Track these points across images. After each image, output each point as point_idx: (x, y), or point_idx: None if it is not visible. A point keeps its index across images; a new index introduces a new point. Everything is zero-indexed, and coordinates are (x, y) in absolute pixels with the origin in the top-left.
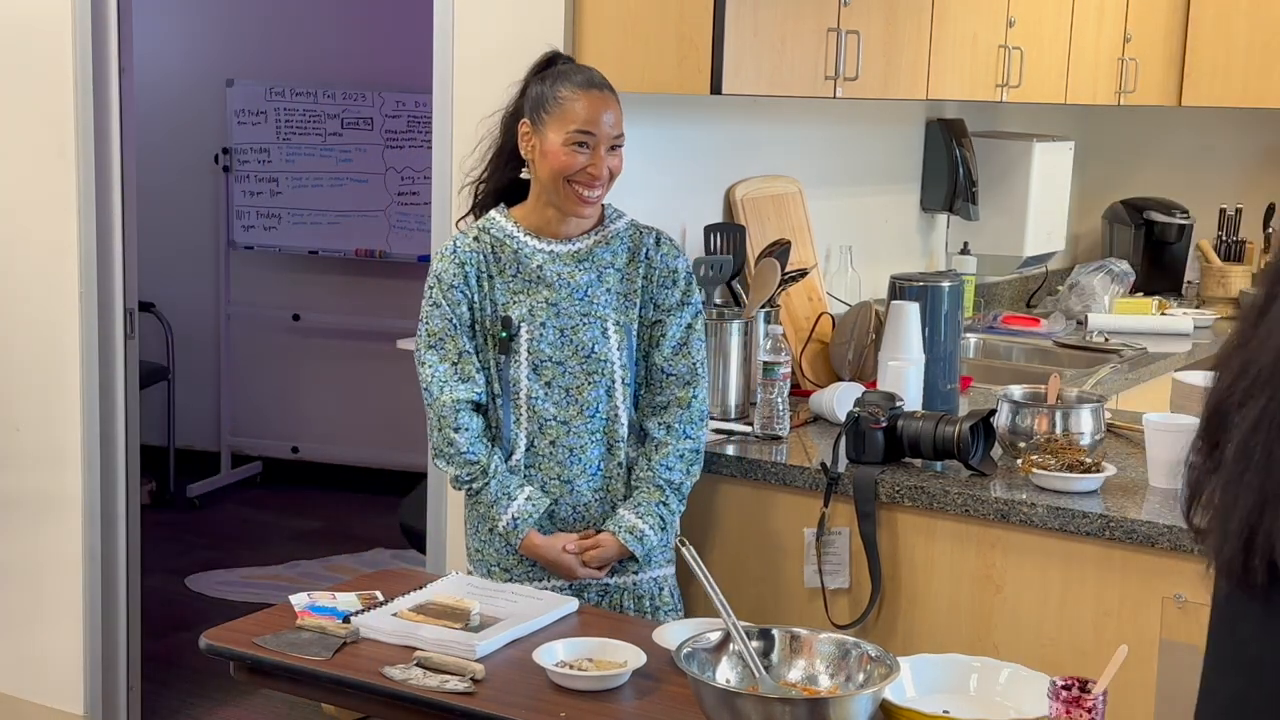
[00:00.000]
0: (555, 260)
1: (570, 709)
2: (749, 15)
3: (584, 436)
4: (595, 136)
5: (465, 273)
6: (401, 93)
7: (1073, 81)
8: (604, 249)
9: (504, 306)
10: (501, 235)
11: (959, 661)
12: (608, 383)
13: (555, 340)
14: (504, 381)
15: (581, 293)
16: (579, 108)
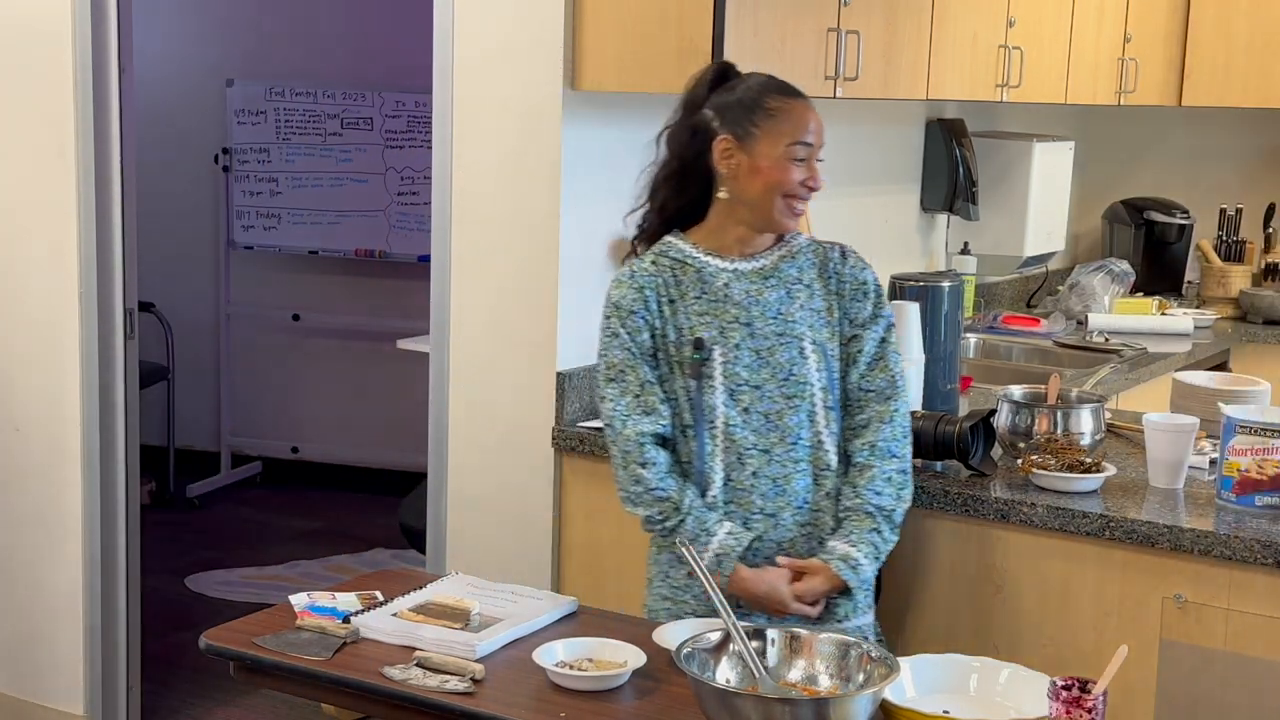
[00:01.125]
0: (741, 278)
1: (570, 709)
2: (749, 15)
3: (788, 465)
4: (813, 146)
5: (645, 298)
6: (401, 93)
7: (1073, 81)
8: (790, 264)
9: (691, 330)
10: (681, 257)
11: (959, 661)
12: (809, 407)
13: (751, 362)
14: (698, 409)
15: (774, 311)
16: (794, 116)
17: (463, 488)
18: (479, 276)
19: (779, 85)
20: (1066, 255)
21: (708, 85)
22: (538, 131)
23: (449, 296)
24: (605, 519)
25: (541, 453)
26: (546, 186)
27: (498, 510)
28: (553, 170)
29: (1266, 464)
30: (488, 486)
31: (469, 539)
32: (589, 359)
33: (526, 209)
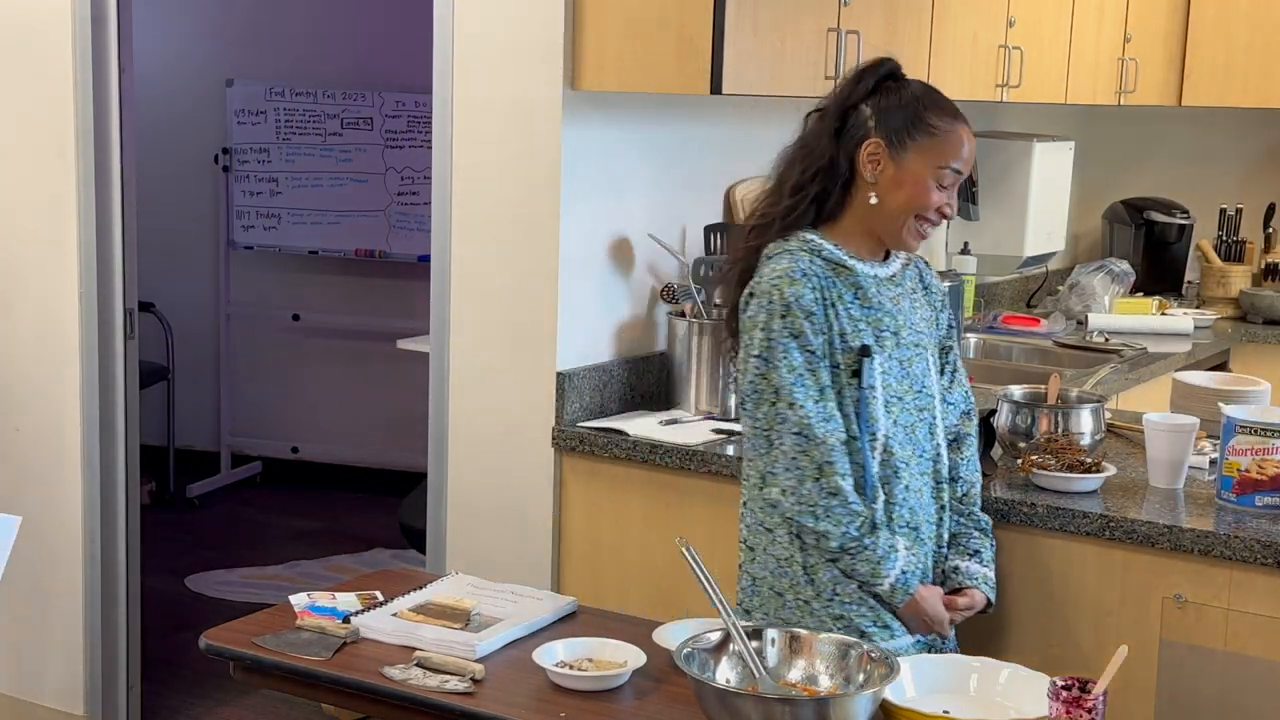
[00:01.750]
0: (880, 284)
1: (570, 709)
2: (749, 15)
3: (919, 479)
4: (960, 175)
5: (820, 299)
6: (401, 93)
7: (1073, 81)
8: (909, 273)
9: (851, 335)
10: (834, 258)
11: (959, 661)
12: (930, 418)
13: (898, 373)
14: (863, 420)
15: (909, 320)
16: (953, 141)
17: (463, 488)
18: (479, 276)
19: (943, 104)
20: (1066, 255)
21: (872, 82)
22: (538, 131)
23: (449, 296)
24: (605, 519)
25: (541, 453)
26: (546, 186)
27: (498, 510)
28: (553, 170)
29: (1266, 464)
30: (488, 486)
31: (469, 539)
32: (589, 359)
33: (526, 209)
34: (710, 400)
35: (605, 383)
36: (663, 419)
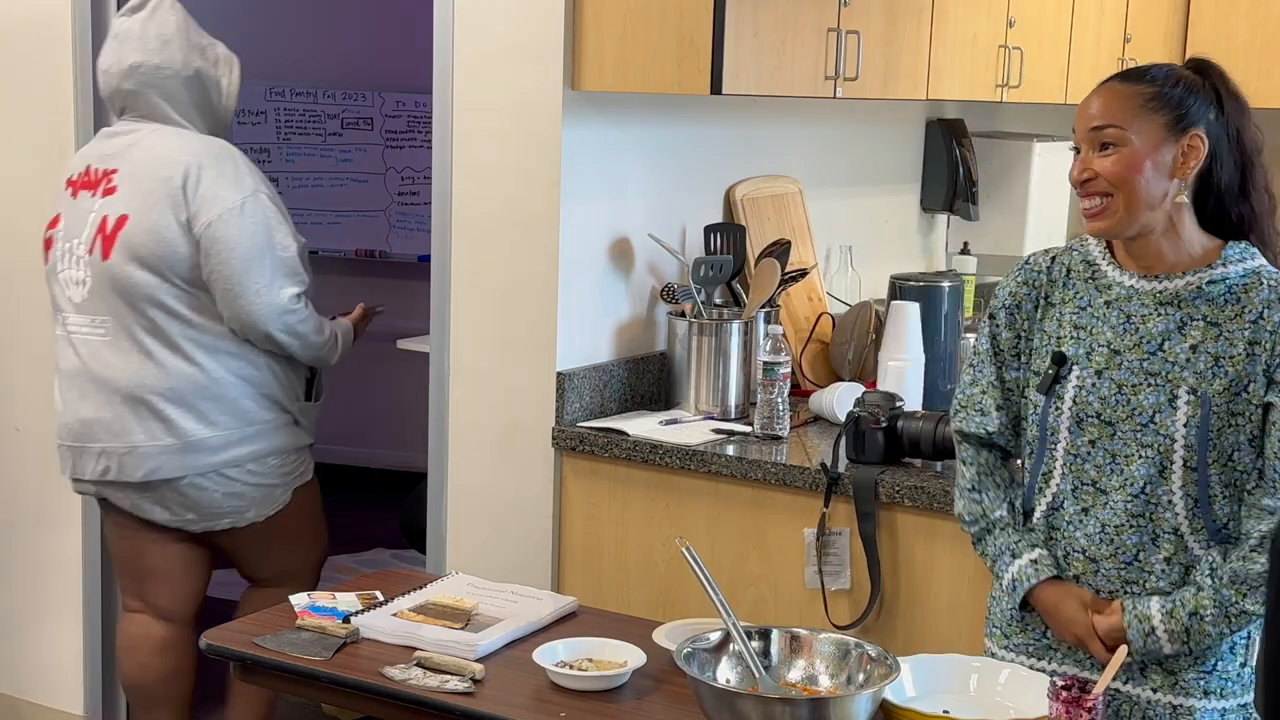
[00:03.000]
0: (1132, 298)
1: (570, 709)
2: (749, 15)
3: (1122, 515)
4: (1077, 137)
5: (1022, 295)
6: (401, 93)
7: (1073, 81)
8: (1197, 294)
9: (1057, 340)
10: (1081, 259)
11: (959, 661)
12: (1164, 461)
13: (1109, 395)
14: (1042, 428)
15: (1154, 344)
16: (1079, 110)
17: (463, 488)
18: (479, 276)
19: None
20: None
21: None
22: (538, 131)
23: (449, 296)
24: (605, 519)
25: (541, 453)
26: (546, 186)
27: (498, 510)
28: (553, 170)
29: None
30: (488, 486)
31: (469, 539)
32: (589, 359)
33: (526, 209)
34: (710, 400)
35: (605, 383)
36: (663, 419)
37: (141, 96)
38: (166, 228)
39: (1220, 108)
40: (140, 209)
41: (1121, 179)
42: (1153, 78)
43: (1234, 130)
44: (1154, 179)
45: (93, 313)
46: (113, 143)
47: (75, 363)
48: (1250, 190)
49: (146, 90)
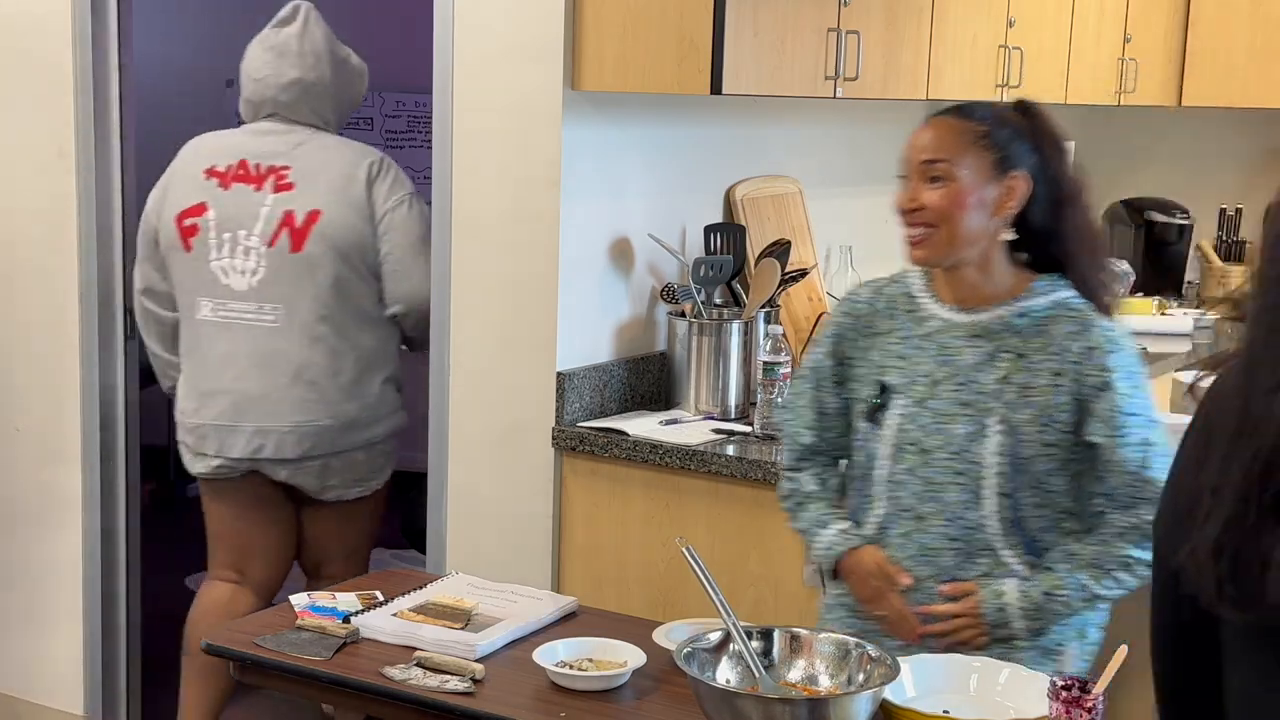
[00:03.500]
0: (947, 330)
1: (570, 709)
2: (749, 15)
3: (941, 539)
4: (905, 168)
5: (845, 325)
6: (401, 93)
7: (1073, 81)
8: (1004, 327)
9: (881, 370)
10: (903, 291)
11: (959, 661)
12: (975, 487)
13: (927, 424)
14: (866, 453)
15: (966, 376)
16: (908, 142)
17: (463, 488)
18: (479, 276)
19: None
20: None
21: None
22: (538, 131)
23: (449, 296)
24: (605, 519)
25: (541, 453)
26: (546, 186)
27: (498, 510)
28: (553, 170)
29: None
30: (488, 486)
31: (469, 539)
32: (589, 359)
33: (526, 209)
34: (710, 400)
35: (605, 383)
36: (663, 419)
37: (294, 105)
38: (361, 219)
39: (1041, 151)
40: (334, 204)
41: (947, 213)
42: (982, 116)
43: (1052, 173)
44: (976, 215)
45: (262, 300)
46: (270, 141)
47: (232, 345)
48: (1067, 231)
49: (300, 101)
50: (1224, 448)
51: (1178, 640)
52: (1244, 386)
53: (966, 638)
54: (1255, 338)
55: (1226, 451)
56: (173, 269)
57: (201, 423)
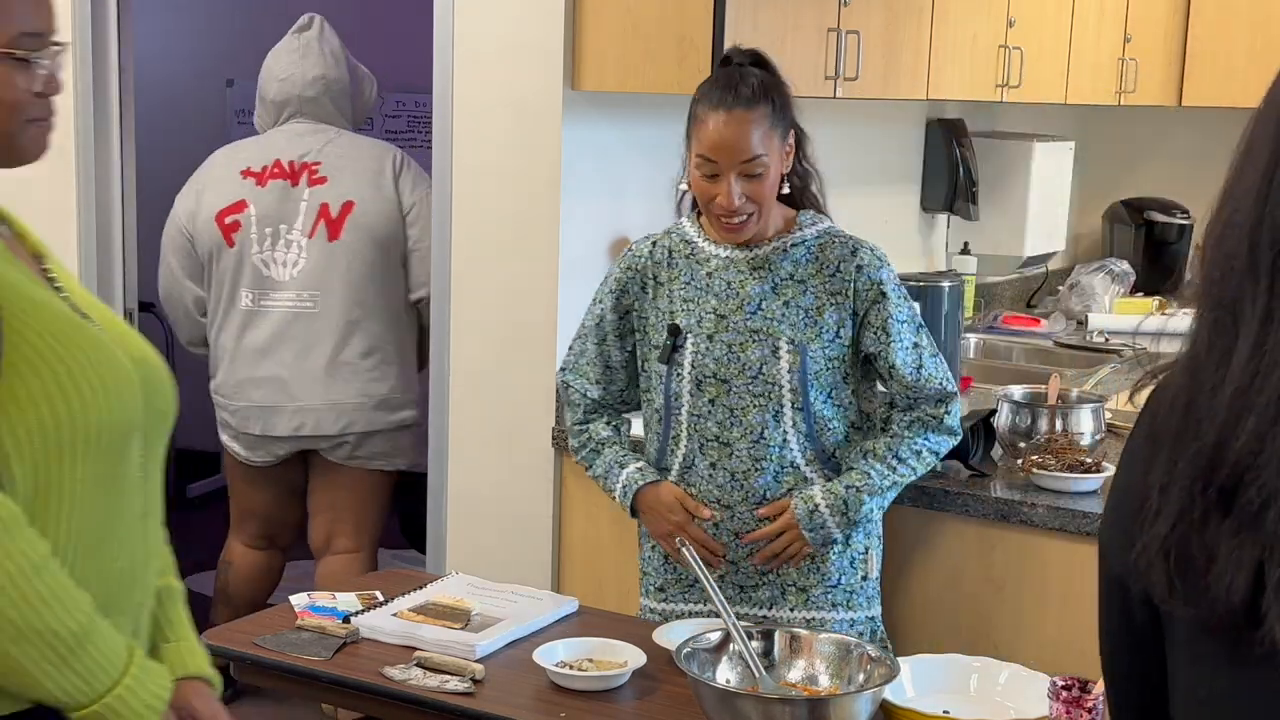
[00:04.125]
0: (729, 267)
1: (570, 709)
2: (749, 15)
3: (747, 461)
4: (718, 165)
5: (628, 277)
6: (401, 93)
7: (1073, 81)
8: (783, 258)
9: (670, 314)
10: (680, 239)
11: (959, 661)
12: (775, 407)
13: (722, 356)
14: (666, 395)
15: (753, 305)
16: (703, 129)
17: (463, 488)
18: (479, 277)
19: (716, 89)
20: (1066, 255)
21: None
22: (538, 131)
23: (449, 296)
24: (605, 519)
25: (541, 453)
26: (546, 186)
27: (498, 510)
28: (553, 170)
29: None
30: (488, 486)
31: (469, 539)
32: None
33: (526, 208)
34: None
35: None
36: None
37: (319, 102)
38: (392, 208)
39: (790, 104)
40: (367, 196)
41: (765, 197)
42: (757, 92)
43: (793, 119)
44: (776, 182)
45: (301, 287)
46: (300, 141)
47: (273, 332)
48: (804, 164)
49: (324, 97)
50: (1170, 447)
51: (1128, 644)
52: (1189, 386)
53: (793, 551)
54: (1199, 338)
55: (1172, 450)
56: (214, 265)
57: (246, 404)
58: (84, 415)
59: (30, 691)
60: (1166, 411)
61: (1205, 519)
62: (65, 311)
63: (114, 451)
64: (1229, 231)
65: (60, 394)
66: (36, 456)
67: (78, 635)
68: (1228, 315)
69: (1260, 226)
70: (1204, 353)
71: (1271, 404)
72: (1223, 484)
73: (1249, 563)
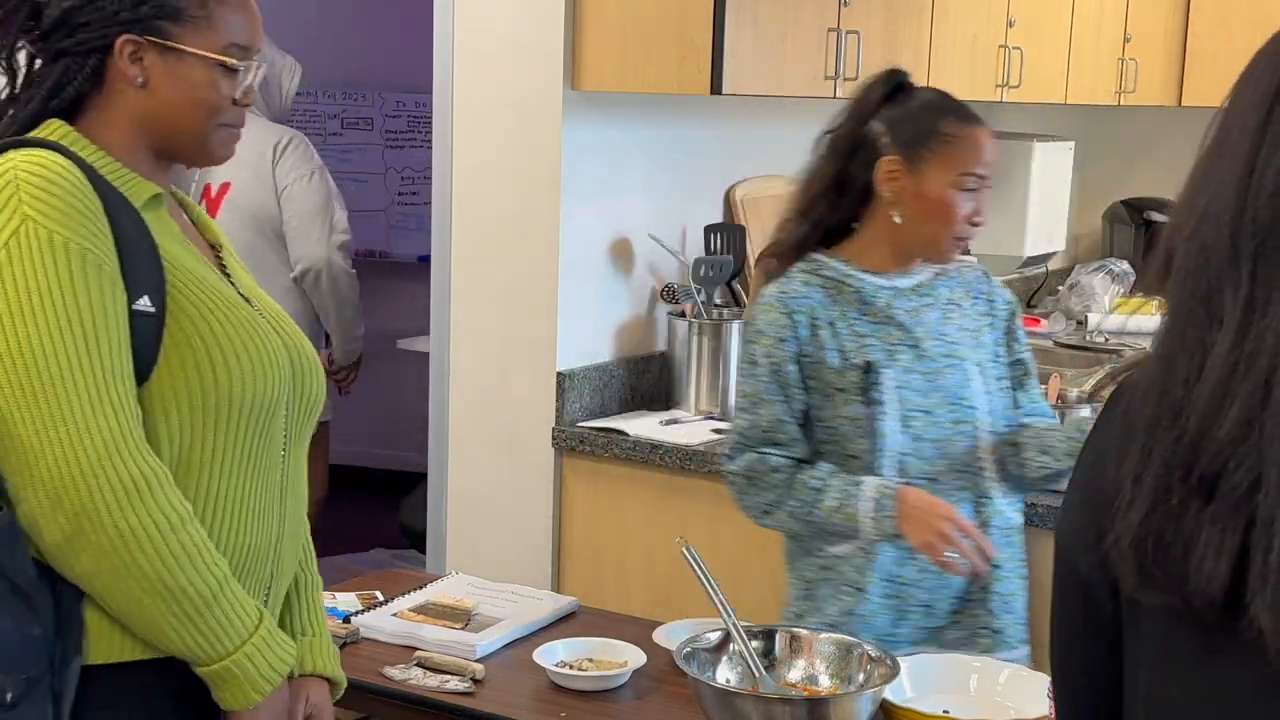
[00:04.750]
0: (901, 296)
1: (570, 709)
2: (749, 15)
3: (953, 494)
4: (985, 179)
5: (795, 323)
6: (401, 93)
7: (1073, 81)
8: (942, 282)
9: (854, 353)
10: (837, 275)
11: (959, 661)
12: (974, 431)
13: (922, 385)
14: (874, 437)
15: (935, 330)
16: (971, 146)
17: (463, 488)
18: (479, 276)
19: (956, 108)
20: (1067, 255)
21: (880, 96)
22: (538, 131)
23: (449, 296)
24: (605, 519)
25: (541, 453)
26: (546, 186)
27: (498, 510)
28: (553, 170)
29: None
30: (488, 486)
31: (469, 539)
32: (589, 359)
33: (526, 209)
34: (710, 400)
35: (605, 383)
36: (663, 419)
37: None
38: (265, 188)
39: None
40: (243, 177)
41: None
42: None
43: None
44: None
45: None
46: None
47: None
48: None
49: None
50: (1143, 438)
51: (1084, 646)
52: (1163, 378)
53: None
54: (1173, 331)
55: (1146, 441)
56: None
57: None
58: (230, 386)
59: (160, 642)
60: (1139, 404)
61: (1184, 507)
62: (227, 291)
63: (258, 426)
64: (1205, 224)
65: (209, 364)
66: (184, 421)
67: (206, 596)
68: (1202, 307)
69: (1242, 216)
70: (1179, 345)
71: (1257, 390)
72: (1204, 471)
73: (1230, 549)
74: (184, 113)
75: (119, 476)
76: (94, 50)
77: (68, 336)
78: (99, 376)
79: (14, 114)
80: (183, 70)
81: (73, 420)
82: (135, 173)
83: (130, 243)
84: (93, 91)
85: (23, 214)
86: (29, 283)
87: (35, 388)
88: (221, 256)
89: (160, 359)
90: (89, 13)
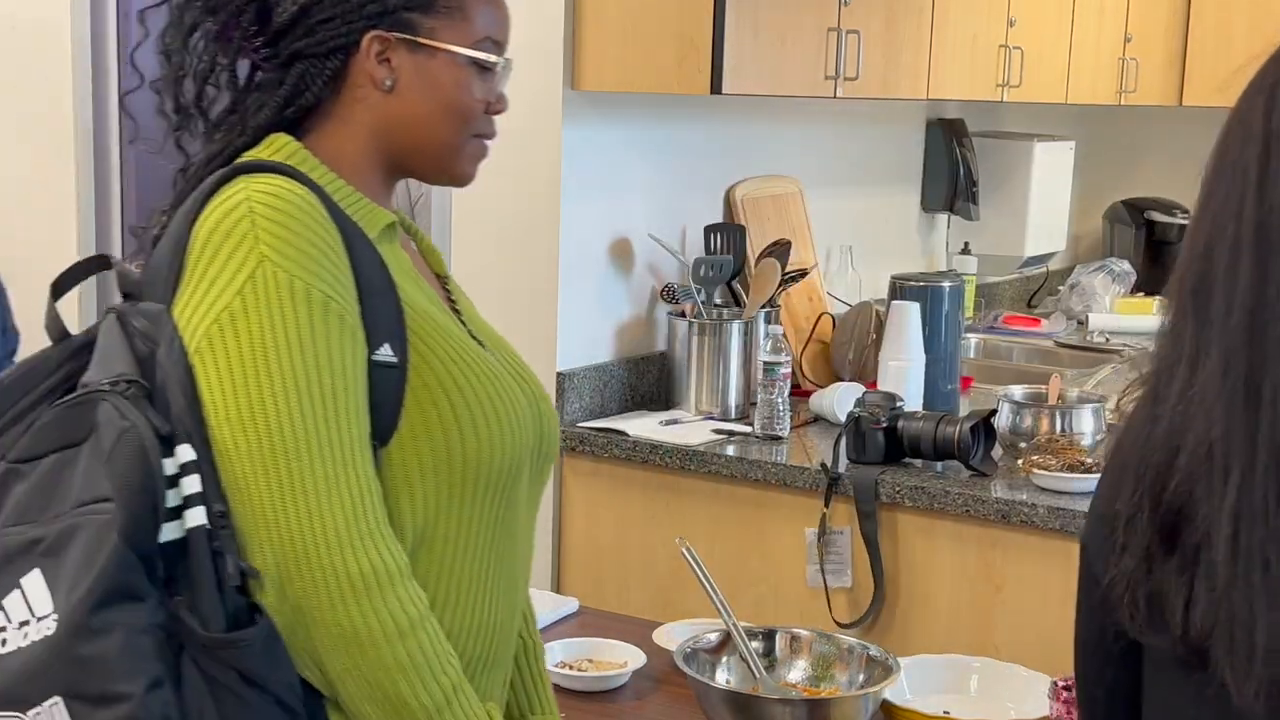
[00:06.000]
0: None
1: (570, 709)
2: (749, 15)
3: None
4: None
5: None
6: None
7: (1073, 81)
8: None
9: None
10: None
11: (959, 661)
12: None
13: None
14: None
15: None
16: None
17: None
18: (479, 277)
19: None
20: (1067, 255)
21: None
22: (538, 131)
23: None
24: (606, 519)
25: None
26: (546, 186)
27: None
28: (553, 170)
29: None
30: None
31: None
32: (589, 359)
33: (526, 209)
34: (710, 400)
35: (605, 383)
36: (663, 419)
37: None
38: None
39: None
40: None
41: None
42: None
43: None
44: None
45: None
46: None
47: None
48: None
49: None
50: (1132, 480)
51: (1105, 662)
52: (1149, 407)
53: None
54: (1160, 352)
55: (1135, 482)
56: None
57: None
58: (478, 453)
59: None
60: (1131, 434)
61: (1155, 555)
62: (467, 340)
63: (504, 493)
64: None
65: (457, 428)
66: (427, 494)
67: (430, 709)
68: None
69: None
70: (1164, 374)
71: (1202, 443)
72: (1163, 520)
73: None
74: (436, 121)
75: (348, 569)
76: (335, 50)
77: (305, 401)
78: (337, 450)
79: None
80: (434, 70)
81: (303, 499)
82: (367, 196)
83: (369, 283)
84: (328, 98)
85: (260, 254)
86: (265, 336)
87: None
88: (449, 289)
89: (402, 419)
90: (330, 7)
